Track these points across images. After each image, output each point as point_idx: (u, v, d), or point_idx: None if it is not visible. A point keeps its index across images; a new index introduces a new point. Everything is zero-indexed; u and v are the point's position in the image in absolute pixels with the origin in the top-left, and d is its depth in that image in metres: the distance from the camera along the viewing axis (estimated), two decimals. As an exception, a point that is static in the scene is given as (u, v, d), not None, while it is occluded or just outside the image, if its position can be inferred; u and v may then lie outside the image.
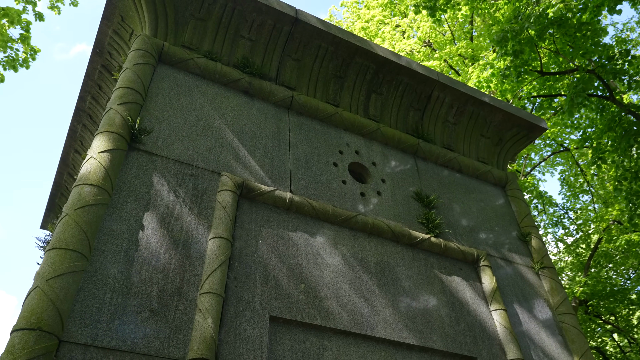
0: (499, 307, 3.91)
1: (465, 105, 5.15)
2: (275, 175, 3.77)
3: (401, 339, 3.37)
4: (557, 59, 10.73)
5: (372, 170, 4.34)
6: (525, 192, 12.80)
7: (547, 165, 18.77)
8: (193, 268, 2.97)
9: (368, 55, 4.69)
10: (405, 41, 11.86)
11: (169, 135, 3.51)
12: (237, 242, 3.24)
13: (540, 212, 17.87)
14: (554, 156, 17.53)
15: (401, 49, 11.63)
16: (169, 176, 3.30)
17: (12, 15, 9.57)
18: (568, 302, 4.34)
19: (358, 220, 3.79)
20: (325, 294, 3.31)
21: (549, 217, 17.88)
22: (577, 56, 9.64)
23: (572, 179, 17.64)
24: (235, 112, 3.98)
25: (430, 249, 4.03)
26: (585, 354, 4.05)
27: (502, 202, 4.99)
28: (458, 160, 4.92)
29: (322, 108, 4.39)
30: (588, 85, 9.38)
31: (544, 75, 10.41)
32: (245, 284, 3.08)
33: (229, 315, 2.89)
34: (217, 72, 4.05)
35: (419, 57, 12.50)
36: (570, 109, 9.17)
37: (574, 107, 9.21)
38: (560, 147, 15.90)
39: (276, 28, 4.41)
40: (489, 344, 3.72)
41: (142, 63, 3.68)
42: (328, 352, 3.09)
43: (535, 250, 4.64)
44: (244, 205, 3.45)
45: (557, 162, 18.37)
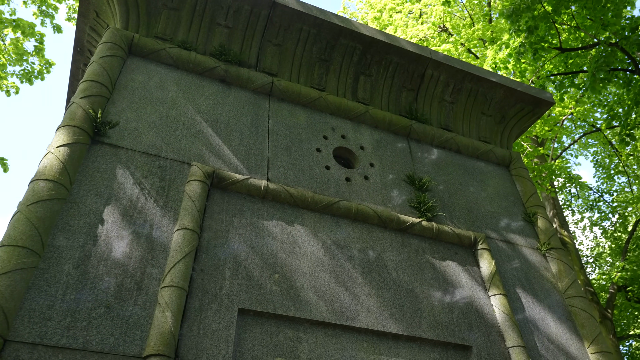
0: (498, 292, 3.66)
1: (463, 83, 4.89)
2: (251, 163, 3.62)
3: (386, 328, 3.17)
4: (577, 35, 10.24)
5: (359, 154, 4.15)
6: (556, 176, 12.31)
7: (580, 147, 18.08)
8: (156, 262, 2.85)
9: (353, 35, 4.49)
10: (419, 27, 11.54)
11: (137, 127, 3.41)
12: (206, 233, 3.10)
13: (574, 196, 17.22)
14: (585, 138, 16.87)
15: (414, 35, 11.32)
16: (134, 168, 3.19)
17: (24, 27, 9.72)
18: (578, 285, 4.05)
19: (341, 206, 3.60)
20: (302, 283, 3.14)
21: (585, 201, 17.21)
22: (598, 30, 9.17)
23: (607, 161, 16.94)
24: (210, 101, 3.85)
25: (422, 234, 3.81)
26: (596, 338, 3.76)
27: (506, 182, 4.71)
28: (456, 141, 4.67)
29: (304, 93, 4.22)
30: (610, 59, 8.89)
31: (564, 52, 9.95)
32: (213, 276, 2.94)
33: (193, 309, 2.76)
34: (191, 62, 3.93)
35: (434, 43, 12.16)
36: (593, 85, 8.72)
37: (596, 82, 8.76)
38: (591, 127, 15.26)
39: (254, 13, 4.26)
40: (486, 331, 3.48)
41: (109, 56, 3.58)
42: (303, 345, 2.93)
43: (541, 231, 4.36)
44: (215, 196, 3.31)
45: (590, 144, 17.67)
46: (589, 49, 9.98)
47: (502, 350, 3.42)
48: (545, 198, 14.19)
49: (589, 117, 14.78)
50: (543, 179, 12.92)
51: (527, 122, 5.20)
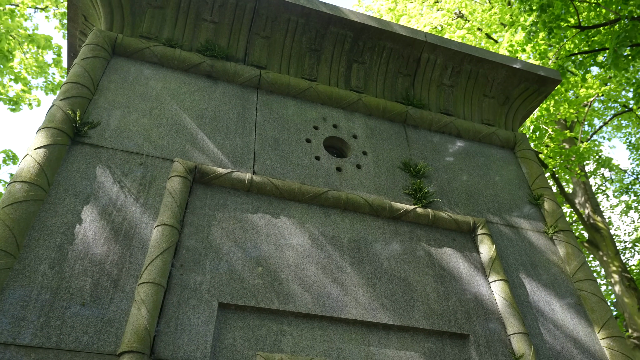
0: (499, 277, 3.51)
1: (462, 65, 4.74)
2: (236, 157, 3.57)
3: (376, 319, 3.07)
4: (598, 11, 9.86)
5: (352, 143, 4.05)
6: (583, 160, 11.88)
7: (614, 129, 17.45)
8: (134, 259, 2.83)
9: (343, 23, 4.40)
10: (433, 15, 11.32)
11: (118, 127, 3.40)
12: (187, 228, 3.07)
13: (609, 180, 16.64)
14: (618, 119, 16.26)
15: (428, 23, 11.11)
16: (115, 167, 3.18)
17: (39, 40, 9.96)
18: (587, 267, 3.86)
19: (329, 196, 3.52)
20: (287, 276, 3.07)
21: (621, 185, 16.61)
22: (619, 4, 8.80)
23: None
24: (195, 97, 3.82)
25: (417, 221, 3.69)
26: (607, 323, 3.57)
27: (511, 165, 4.54)
28: (455, 125, 4.52)
29: (294, 84, 4.15)
30: (633, 34, 8.51)
31: (583, 30, 9.59)
32: (193, 271, 2.90)
33: (171, 305, 2.73)
34: (176, 59, 3.91)
35: (450, 30, 11.90)
36: (616, 62, 8.36)
37: (619, 59, 8.41)
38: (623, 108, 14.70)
39: (239, 6, 4.21)
40: (485, 319, 3.34)
41: (91, 57, 3.59)
42: (287, 338, 2.86)
43: (548, 213, 4.17)
44: (197, 191, 3.28)
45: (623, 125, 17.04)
46: (612, 25, 9.59)
47: (502, 337, 3.28)
48: (576, 183, 13.75)
49: (619, 97, 14.24)
50: (572, 163, 12.52)
51: (534, 102, 5.00)
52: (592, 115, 15.46)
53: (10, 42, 11.07)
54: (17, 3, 11.76)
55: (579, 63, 9.09)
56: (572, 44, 10.21)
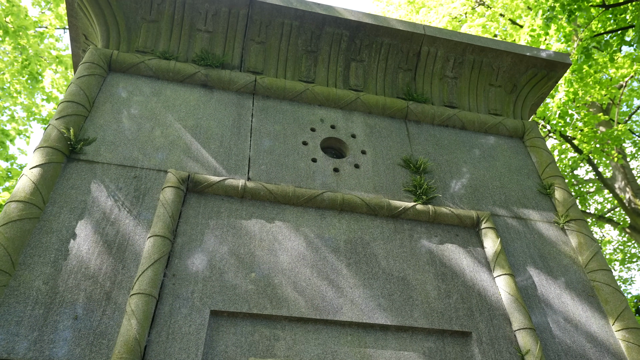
0: (504, 272, 3.42)
1: (464, 55, 4.63)
2: (231, 164, 3.60)
3: (372, 320, 3.04)
4: (622, -13, 9.46)
5: (350, 143, 4.02)
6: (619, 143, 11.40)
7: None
8: (126, 271, 2.89)
9: (338, 22, 4.37)
10: (452, 4, 11.11)
11: (114, 141, 3.48)
12: (180, 238, 3.11)
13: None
14: (657, 98, 15.58)
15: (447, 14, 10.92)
16: (109, 181, 3.25)
17: (67, 61, 10.30)
18: (600, 257, 3.70)
19: (325, 198, 3.50)
20: (280, 280, 3.07)
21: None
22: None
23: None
24: (190, 107, 3.87)
25: (417, 218, 3.63)
26: (622, 314, 3.43)
27: (519, 155, 4.41)
28: (459, 117, 4.42)
29: (290, 87, 4.15)
30: (660, 9, 8.16)
31: (608, 8, 9.22)
32: (185, 280, 2.94)
33: (162, 314, 2.77)
34: (171, 70, 3.97)
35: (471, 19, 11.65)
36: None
37: (646, 36, 8.07)
38: (663, 86, 14.07)
39: (232, 14, 4.24)
40: (489, 315, 3.25)
41: (87, 75, 3.69)
42: (280, 343, 2.86)
43: (559, 202, 4.03)
44: (191, 200, 3.32)
45: (665, 104, 16.33)
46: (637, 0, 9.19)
47: (507, 334, 3.19)
48: (615, 167, 13.26)
49: (657, 76, 13.62)
50: (608, 147, 12.07)
51: (544, 88, 4.84)
52: (631, 96, 14.85)
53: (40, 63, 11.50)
54: (45, 25, 12.22)
55: (605, 43, 8.74)
56: (599, 23, 9.84)
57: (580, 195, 13.45)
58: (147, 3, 4.12)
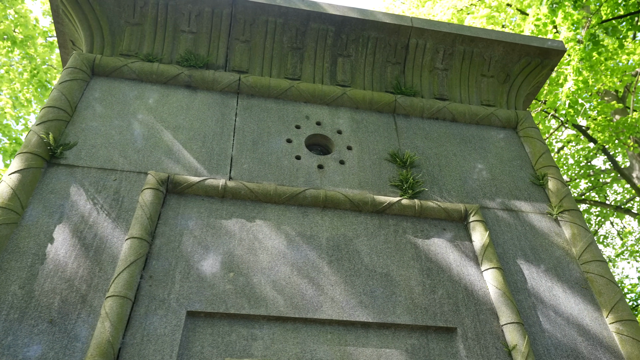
0: (492, 265, 3.34)
1: (454, 46, 4.55)
2: (213, 164, 3.58)
3: (353, 317, 2.99)
4: (631, -29, 9.22)
5: (335, 139, 3.97)
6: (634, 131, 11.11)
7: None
8: (103, 273, 2.89)
9: (323, 18, 4.32)
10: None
11: (95, 145, 3.49)
12: (158, 239, 3.10)
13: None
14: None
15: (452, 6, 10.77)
16: (89, 185, 3.26)
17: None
18: (594, 248, 3.60)
19: (307, 195, 3.47)
20: (259, 279, 3.05)
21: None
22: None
23: None
24: (173, 109, 3.86)
25: (403, 213, 3.57)
26: (616, 305, 3.32)
27: (512, 146, 4.31)
28: (449, 109, 4.34)
29: (274, 85, 4.12)
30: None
31: (616, -7, 9.00)
32: (162, 281, 2.93)
33: (138, 316, 2.76)
34: (154, 73, 3.97)
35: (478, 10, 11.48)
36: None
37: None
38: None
39: (215, 14, 4.23)
40: (475, 310, 3.18)
41: (68, 80, 3.71)
42: (258, 342, 2.83)
43: (553, 193, 3.93)
44: (170, 201, 3.31)
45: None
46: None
47: (494, 329, 3.11)
48: (632, 156, 12.96)
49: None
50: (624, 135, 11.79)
51: (539, 77, 4.73)
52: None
53: (50, 71, 11.67)
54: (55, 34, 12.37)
55: (613, 29, 8.52)
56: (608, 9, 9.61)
57: (598, 185, 13.17)
58: (130, 6, 4.13)
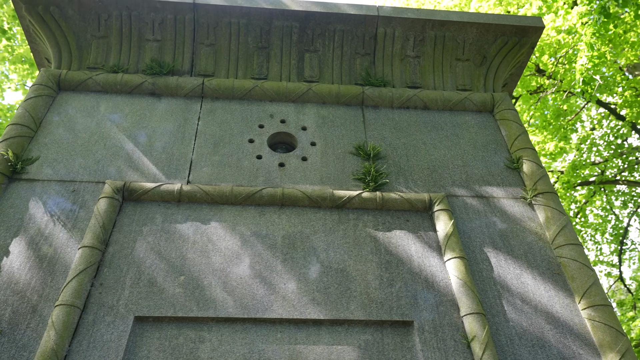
0: (454, 255, 3.23)
1: (424, 32, 4.43)
2: (172, 169, 3.61)
3: (304, 315, 2.95)
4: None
5: (299, 136, 3.94)
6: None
7: None
8: (55, 283, 2.95)
9: (286, 14, 4.29)
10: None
11: (56, 158, 3.57)
12: (111, 247, 3.15)
13: None
14: None
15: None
16: (47, 198, 3.34)
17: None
18: (569, 231, 3.43)
19: (264, 195, 3.45)
20: (210, 282, 3.05)
21: None
22: None
23: None
24: (137, 117, 3.91)
25: (364, 206, 3.50)
26: (589, 290, 3.16)
27: (487, 130, 4.16)
28: (420, 97, 4.23)
29: (238, 86, 4.12)
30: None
31: (628, -39, 8.55)
32: (112, 288, 2.97)
33: (86, 323, 2.81)
34: (118, 83, 4.04)
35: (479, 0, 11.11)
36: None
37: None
38: None
39: (178, 20, 4.26)
40: (435, 302, 3.09)
41: (34, 97, 3.81)
42: (205, 344, 2.83)
43: (527, 176, 3.77)
44: (127, 209, 3.36)
45: None
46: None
47: (454, 320, 3.01)
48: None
49: None
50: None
51: (519, 56, 4.55)
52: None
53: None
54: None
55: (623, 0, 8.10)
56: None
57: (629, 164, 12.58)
58: (94, 20, 4.21)
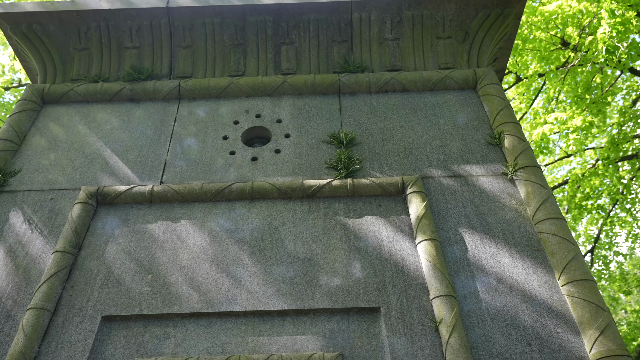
0: (425, 237, 3.14)
1: (401, 13, 4.32)
2: (146, 171, 3.67)
3: (268, 307, 2.94)
4: None
5: (274, 129, 3.92)
6: None
7: None
8: (29, 289, 3.06)
9: (259, 9, 4.29)
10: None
11: (37, 169, 3.71)
12: (84, 250, 3.24)
13: None
14: None
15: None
16: (27, 207, 3.47)
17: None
18: (550, 204, 3.27)
19: (233, 190, 3.46)
20: (177, 278, 3.08)
21: None
22: None
23: None
24: (115, 124, 4.01)
25: (334, 194, 3.45)
26: (568, 265, 2.99)
27: (469, 107, 4.01)
28: (398, 79, 4.13)
29: (213, 85, 4.15)
30: None
31: None
32: (83, 290, 3.05)
33: (55, 325, 2.90)
34: (98, 92, 4.15)
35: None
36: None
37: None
38: None
39: (154, 25, 4.34)
40: (404, 286, 3.01)
41: (18, 112, 3.98)
42: (170, 340, 2.87)
43: (508, 151, 3.62)
44: (101, 212, 3.44)
45: None
46: None
47: (423, 304, 2.92)
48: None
49: None
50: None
51: (504, 28, 4.37)
52: None
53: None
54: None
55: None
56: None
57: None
58: (75, 33, 4.34)
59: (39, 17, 4.27)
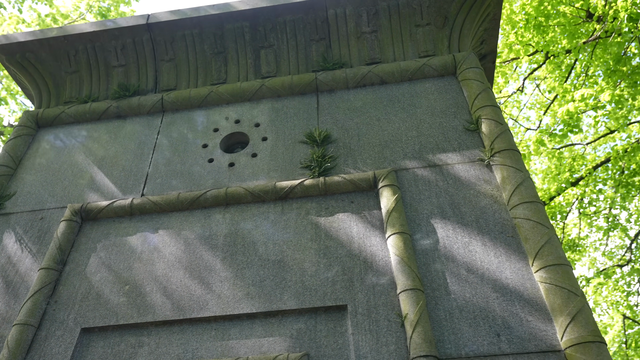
0: (394, 231, 3.09)
1: (376, 5, 4.26)
2: (129, 185, 3.79)
3: (237, 310, 2.98)
4: None
5: (252, 133, 3.96)
6: None
7: None
8: (17, 305, 3.23)
9: (235, 16, 4.34)
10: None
11: (30, 191, 3.90)
12: (68, 266, 3.38)
13: None
14: None
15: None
16: (19, 228, 3.66)
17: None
18: (525, 188, 3.14)
19: (208, 197, 3.52)
20: (152, 288, 3.17)
21: None
22: None
23: None
24: (103, 141, 4.15)
25: (307, 194, 3.45)
26: (541, 250, 2.87)
27: (449, 94, 3.91)
28: (375, 72, 4.07)
29: (194, 95, 4.23)
30: None
31: None
32: (65, 304, 3.19)
33: (39, 339, 3.05)
34: (87, 112, 4.31)
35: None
36: None
37: None
38: None
39: (137, 42, 4.46)
40: (372, 283, 2.97)
41: (14, 138, 4.19)
42: (144, 348, 2.96)
43: (486, 135, 3.50)
44: (85, 228, 3.58)
45: None
46: None
47: (390, 299, 2.88)
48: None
49: None
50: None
51: (485, 8, 4.22)
52: None
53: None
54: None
55: None
56: None
57: None
58: (65, 57, 4.53)
59: (31, 46, 4.49)
